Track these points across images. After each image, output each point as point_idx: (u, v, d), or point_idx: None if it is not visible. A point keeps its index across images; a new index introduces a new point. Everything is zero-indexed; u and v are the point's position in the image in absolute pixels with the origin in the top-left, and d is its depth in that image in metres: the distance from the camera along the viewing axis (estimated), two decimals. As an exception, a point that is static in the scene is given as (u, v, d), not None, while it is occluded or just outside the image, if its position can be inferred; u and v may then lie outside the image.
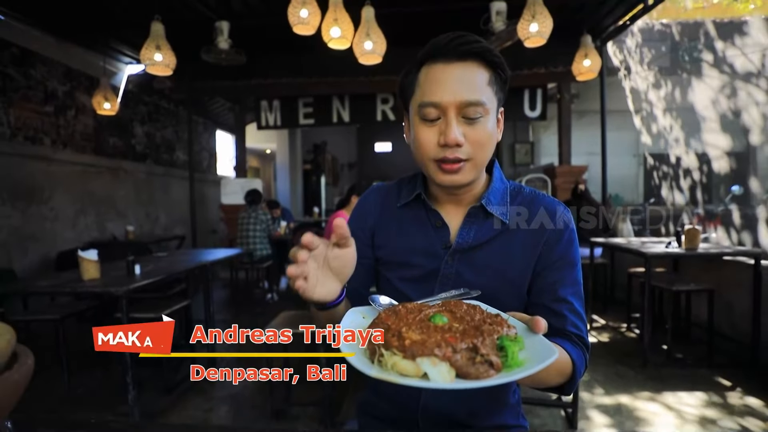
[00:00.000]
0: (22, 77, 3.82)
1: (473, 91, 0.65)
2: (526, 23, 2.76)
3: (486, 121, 0.66)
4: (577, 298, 0.71)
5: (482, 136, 0.66)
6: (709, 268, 3.03)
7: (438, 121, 0.66)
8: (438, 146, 0.66)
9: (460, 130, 0.65)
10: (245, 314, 4.13)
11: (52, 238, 4.03)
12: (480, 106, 0.65)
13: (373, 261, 0.81)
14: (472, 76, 0.65)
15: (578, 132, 5.59)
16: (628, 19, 4.21)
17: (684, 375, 2.50)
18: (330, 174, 9.83)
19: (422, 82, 0.68)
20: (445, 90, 0.65)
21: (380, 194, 0.82)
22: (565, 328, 0.69)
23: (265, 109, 5.38)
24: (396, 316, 0.46)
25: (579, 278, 0.72)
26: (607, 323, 3.56)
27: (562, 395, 0.68)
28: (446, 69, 0.66)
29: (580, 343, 0.68)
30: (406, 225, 0.77)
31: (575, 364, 0.64)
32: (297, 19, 2.62)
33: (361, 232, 0.80)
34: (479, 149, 0.67)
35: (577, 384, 0.68)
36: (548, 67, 4.68)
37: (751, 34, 6.09)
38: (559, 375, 0.64)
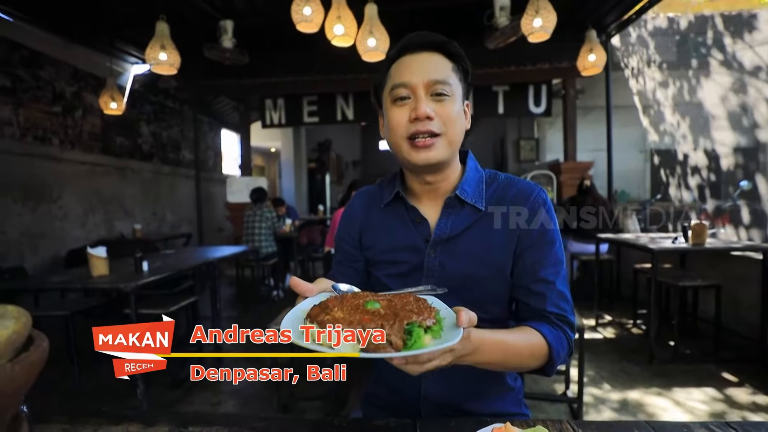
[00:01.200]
0: (31, 78, 3.87)
1: (439, 72, 0.70)
2: (530, 18, 2.74)
3: (453, 101, 0.71)
4: (558, 277, 0.72)
5: (450, 112, 0.70)
6: (716, 263, 3.01)
7: (408, 100, 0.70)
8: (409, 122, 0.70)
9: (431, 107, 0.69)
10: (251, 311, 4.16)
11: (61, 236, 4.09)
12: (447, 85, 0.70)
13: (363, 263, 0.84)
14: (437, 62, 0.71)
15: (584, 128, 5.55)
16: (634, 13, 4.16)
17: (691, 371, 2.48)
18: (335, 172, 9.86)
19: (393, 72, 0.73)
20: (414, 72, 0.70)
21: (365, 198, 0.86)
22: (545, 309, 0.70)
23: (270, 108, 5.41)
24: (340, 300, 0.53)
25: (560, 257, 0.74)
26: (613, 319, 3.54)
27: (544, 375, 0.71)
28: (414, 57, 0.72)
29: (561, 324, 0.70)
30: (390, 224, 0.80)
31: (551, 346, 0.66)
32: (300, 17, 2.63)
33: (350, 238, 0.84)
34: (449, 124, 0.70)
35: (562, 362, 0.70)
36: (553, 63, 4.65)
37: (760, 28, 5.99)
38: (533, 358, 0.66)
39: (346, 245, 0.85)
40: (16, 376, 0.33)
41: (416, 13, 4.04)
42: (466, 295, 0.73)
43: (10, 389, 0.33)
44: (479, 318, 0.72)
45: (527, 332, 0.67)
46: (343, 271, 0.84)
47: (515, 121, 7.32)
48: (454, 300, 0.73)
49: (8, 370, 0.32)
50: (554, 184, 5.24)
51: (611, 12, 4.23)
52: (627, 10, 4.14)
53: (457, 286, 0.72)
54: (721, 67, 6.16)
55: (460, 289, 0.72)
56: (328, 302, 0.52)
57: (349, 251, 0.84)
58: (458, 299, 0.73)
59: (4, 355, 0.33)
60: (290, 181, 8.55)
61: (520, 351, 0.65)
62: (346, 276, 0.84)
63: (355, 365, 0.77)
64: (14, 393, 0.34)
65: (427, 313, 0.49)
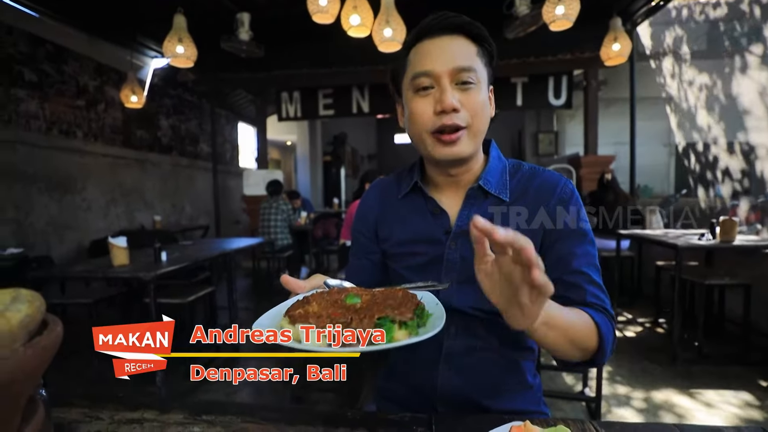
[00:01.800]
0: (56, 73, 3.98)
1: (464, 58, 0.66)
2: (552, 6, 2.65)
3: (479, 89, 0.67)
4: (592, 268, 0.68)
5: (477, 102, 0.66)
6: (745, 262, 2.88)
7: (432, 90, 0.67)
8: (434, 115, 0.66)
9: (456, 96, 0.65)
10: (266, 303, 4.22)
11: (85, 226, 4.22)
12: (472, 72, 0.66)
13: (379, 255, 0.82)
14: (461, 46, 0.67)
15: (605, 121, 5.38)
16: (662, 0, 3.99)
17: (716, 372, 2.39)
18: (350, 166, 9.87)
19: (412, 59, 0.69)
20: (437, 59, 0.66)
21: (379, 189, 0.84)
22: (585, 300, 0.66)
23: (286, 101, 5.43)
24: (322, 295, 0.53)
25: (594, 251, 0.70)
26: (633, 318, 3.45)
27: (594, 365, 0.65)
28: (434, 42, 0.67)
29: (605, 312, 0.65)
30: (407, 215, 0.77)
31: (599, 327, 0.61)
32: (316, 8, 2.61)
33: (366, 230, 0.82)
34: (475, 116, 0.67)
35: (611, 350, 0.63)
36: (575, 53, 4.50)
37: None
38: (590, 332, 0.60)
39: (362, 238, 0.83)
40: (28, 360, 0.33)
41: (433, 1, 3.97)
42: None
43: (23, 373, 0.33)
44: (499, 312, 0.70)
45: (578, 311, 0.62)
46: (360, 264, 0.83)
47: (534, 113, 7.16)
48: (476, 293, 0.71)
49: (21, 354, 0.32)
50: (574, 178, 5.11)
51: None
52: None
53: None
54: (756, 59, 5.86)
55: None
56: (310, 297, 0.53)
57: (365, 244, 0.83)
58: (479, 294, 0.71)
59: (17, 338, 0.33)
60: (306, 175, 8.60)
61: (579, 325, 0.60)
62: (363, 269, 0.83)
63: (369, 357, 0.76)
64: (27, 377, 0.33)
65: (405, 308, 0.48)
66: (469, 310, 0.71)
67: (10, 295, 0.33)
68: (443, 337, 0.73)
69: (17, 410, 0.35)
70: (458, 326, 0.73)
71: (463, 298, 0.71)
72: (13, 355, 0.31)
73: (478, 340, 0.72)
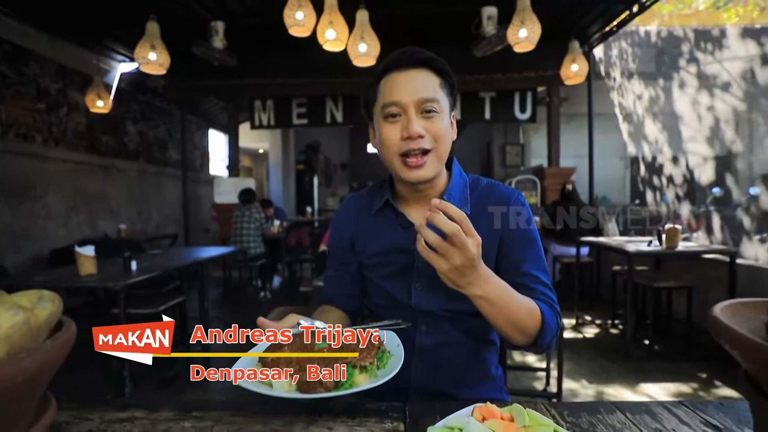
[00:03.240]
0: (15, 74, 3.80)
1: (428, 90, 0.75)
2: (516, 29, 2.84)
3: (441, 117, 0.75)
4: (540, 271, 0.78)
5: (440, 128, 0.75)
6: (688, 266, 3.15)
7: (399, 118, 0.75)
8: (401, 140, 0.74)
9: (420, 124, 0.73)
10: (239, 312, 4.16)
11: (44, 235, 4.01)
12: (435, 102, 0.74)
13: (356, 266, 0.89)
14: (425, 79, 0.76)
15: (567, 134, 5.72)
16: (615, 25, 4.34)
17: (664, 368, 2.60)
18: (323, 174, 9.86)
19: (383, 88, 0.77)
20: (404, 90, 0.74)
21: (353, 205, 0.92)
22: (533, 297, 0.76)
23: (259, 109, 5.41)
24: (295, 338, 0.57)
25: (541, 254, 0.80)
26: (592, 320, 3.67)
27: (535, 351, 0.75)
28: (402, 75, 0.76)
29: (551, 306, 0.75)
30: (380, 229, 0.85)
31: (543, 314, 0.71)
32: (293, 21, 2.67)
33: (342, 243, 0.90)
34: (439, 141, 0.75)
35: (552, 337, 0.73)
36: (538, 71, 4.79)
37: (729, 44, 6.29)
38: (531, 317, 0.70)
39: (339, 251, 0.91)
40: (53, 353, 0.37)
41: (406, 20, 4.13)
42: (454, 291, 0.79)
43: (48, 365, 0.37)
44: (464, 312, 0.78)
45: (527, 299, 0.72)
46: (338, 275, 0.90)
47: (502, 126, 7.48)
48: (443, 296, 0.79)
49: (48, 347, 0.36)
50: (538, 188, 5.38)
51: (593, 24, 4.40)
52: (608, 22, 4.31)
53: (445, 284, 0.78)
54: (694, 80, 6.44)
55: (448, 287, 0.78)
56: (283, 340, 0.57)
57: (342, 257, 0.90)
58: (446, 296, 0.79)
59: (42, 333, 0.37)
60: (278, 183, 8.52)
61: (520, 304, 0.70)
62: (341, 279, 0.91)
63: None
64: (51, 368, 0.38)
65: (366, 353, 0.53)
66: (438, 310, 0.79)
67: (37, 295, 0.38)
68: (415, 335, 0.81)
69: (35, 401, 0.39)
70: (428, 325, 0.81)
71: (432, 301, 0.80)
72: (42, 347, 0.36)
73: (446, 336, 0.80)
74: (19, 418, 0.35)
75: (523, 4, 2.86)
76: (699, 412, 0.62)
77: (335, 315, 0.87)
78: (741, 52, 6.22)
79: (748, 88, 6.18)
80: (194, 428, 0.59)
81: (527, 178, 5.56)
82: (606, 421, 0.60)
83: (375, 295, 0.88)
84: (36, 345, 0.36)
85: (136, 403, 0.67)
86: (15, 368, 0.31)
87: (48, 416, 0.40)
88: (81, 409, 0.65)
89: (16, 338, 0.33)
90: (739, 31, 6.22)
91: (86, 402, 0.67)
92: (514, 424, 0.52)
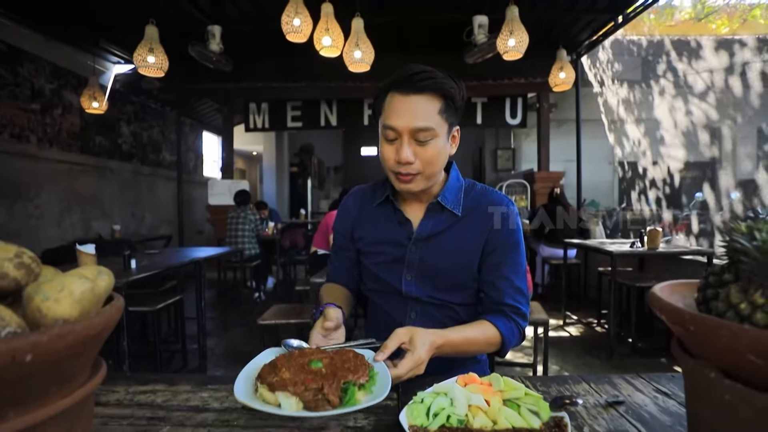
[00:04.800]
0: (9, 74, 3.82)
1: (424, 119, 0.79)
2: (505, 38, 2.96)
3: (436, 142, 0.81)
4: (516, 275, 0.87)
5: (431, 155, 0.81)
6: (670, 266, 3.29)
7: (395, 141, 0.82)
8: (395, 161, 0.82)
9: (411, 150, 0.80)
10: (233, 312, 4.20)
11: (36, 236, 4.02)
12: (429, 131, 0.80)
13: (354, 253, 0.99)
14: (425, 106, 0.79)
15: (557, 140, 5.87)
16: (601, 35, 4.50)
17: (645, 363, 2.72)
18: (316, 177, 9.92)
19: (386, 107, 0.83)
20: (401, 117, 0.79)
21: (358, 197, 1.00)
22: (503, 300, 0.86)
23: (254, 112, 5.47)
24: (288, 359, 0.59)
25: (521, 260, 0.89)
26: (579, 319, 3.78)
27: (498, 357, 0.90)
28: (403, 100, 0.79)
29: (515, 316, 0.86)
30: (379, 221, 0.94)
31: (503, 336, 0.83)
32: (290, 28, 2.75)
33: (344, 230, 0.99)
34: (428, 165, 0.82)
35: (513, 346, 0.87)
36: (528, 78, 4.93)
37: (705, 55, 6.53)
38: (489, 345, 0.84)
39: (340, 237, 1.00)
40: (110, 317, 0.44)
41: (401, 28, 4.24)
42: (440, 283, 0.88)
43: (105, 328, 0.45)
44: (450, 301, 0.87)
45: (483, 327, 0.83)
46: (339, 257, 1.00)
47: (493, 131, 7.63)
48: (431, 287, 0.88)
49: (107, 312, 0.44)
50: (528, 192, 5.52)
51: (581, 33, 4.56)
52: (595, 32, 4.48)
53: (433, 276, 0.88)
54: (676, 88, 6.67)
55: (435, 278, 0.88)
56: (277, 362, 0.58)
57: (343, 243, 0.99)
58: (433, 287, 0.88)
59: (101, 301, 0.45)
60: (272, 185, 8.56)
61: (477, 342, 0.82)
62: (342, 265, 1.00)
63: None
64: (107, 331, 0.45)
65: (361, 371, 0.58)
66: (426, 298, 0.88)
67: (97, 270, 0.45)
68: (406, 321, 0.89)
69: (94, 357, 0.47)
70: (417, 312, 0.90)
71: (420, 289, 0.89)
72: (105, 310, 0.43)
73: (434, 322, 0.88)
74: (84, 368, 0.43)
75: (512, 15, 2.98)
76: (653, 383, 0.71)
77: (339, 292, 0.96)
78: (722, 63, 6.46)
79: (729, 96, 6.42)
80: (212, 397, 0.67)
81: (518, 182, 5.69)
82: (572, 389, 0.69)
83: (369, 281, 0.96)
84: (98, 309, 0.44)
85: (156, 378, 0.75)
86: (88, 324, 0.39)
87: (101, 373, 0.47)
88: (105, 385, 0.73)
89: (86, 302, 0.41)
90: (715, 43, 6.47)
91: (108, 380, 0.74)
92: (491, 388, 0.60)
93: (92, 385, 0.44)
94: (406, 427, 0.54)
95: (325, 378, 0.55)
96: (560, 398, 0.61)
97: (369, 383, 0.57)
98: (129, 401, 0.66)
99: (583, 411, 0.61)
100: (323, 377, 0.55)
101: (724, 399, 0.41)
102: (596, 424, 0.57)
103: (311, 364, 0.59)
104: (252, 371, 0.60)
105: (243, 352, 3.01)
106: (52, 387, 0.38)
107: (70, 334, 0.37)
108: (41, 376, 0.37)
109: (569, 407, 0.60)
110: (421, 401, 0.58)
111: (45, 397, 0.38)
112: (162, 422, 0.59)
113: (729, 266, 0.46)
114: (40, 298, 0.39)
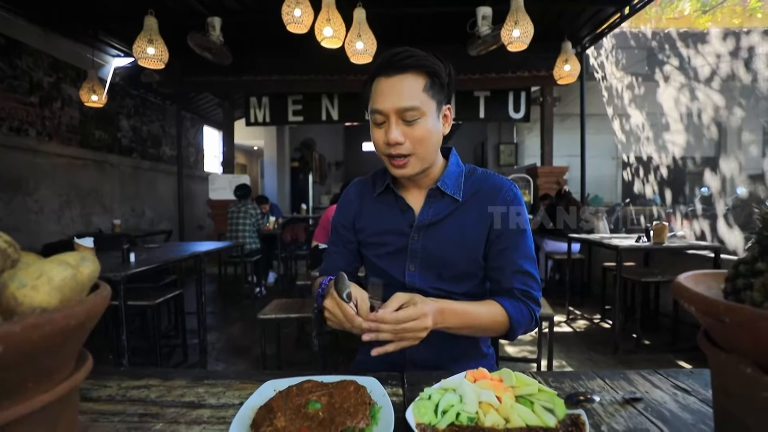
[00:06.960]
0: (8, 67, 3.78)
1: (409, 98, 0.77)
2: (509, 29, 2.91)
3: (424, 121, 0.79)
4: (525, 259, 0.84)
5: (421, 133, 0.79)
6: (675, 261, 3.25)
7: (383, 124, 0.80)
8: (384, 143, 0.80)
9: (400, 131, 0.78)
10: (234, 307, 4.18)
11: (36, 230, 4.00)
12: (416, 110, 0.77)
13: (355, 245, 0.95)
14: (409, 85, 0.77)
15: (560, 134, 5.81)
16: (607, 27, 4.42)
17: (650, 359, 2.69)
18: (317, 172, 9.88)
19: (372, 93, 0.81)
20: (386, 99, 0.78)
21: (359, 187, 0.97)
22: (512, 285, 0.83)
23: (255, 106, 5.42)
24: (284, 399, 0.56)
25: (528, 243, 0.86)
26: (582, 314, 3.75)
27: (508, 340, 0.86)
28: (387, 81, 0.78)
29: (526, 299, 0.82)
30: (380, 210, 0.91)
31: (510, 316, 0.80)
32: (291, 18, 2.70)
33: (345, 221, 0.95)
34: (419, 145, 0.79)
35: (525, 331, 0.84)
36: (531, 71, 4.87)
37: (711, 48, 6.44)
38: (495, 323, 0.80)
39: (341, 228, 0.96)
40: (94, 306, 0.41)
41: (403, 18, 4.18)
42: (444, 273, 0.85)
43: (92, 317, 0.41)
44: (454, 292, 0.84)
45: (489, 304, 0.80)
46: (338, 251, 0.95)
47: (496, 125, 7.56)
48: (435, 277, 0.84)
49: (92, 299, 0.40)
50: (531, 187, 5.47)
51: (586, 25, 4.49)
52: (600, 24, 4.40)
53: (436, 264, 0.84)
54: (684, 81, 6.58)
55: (439, 267, 0.84)
56: (273, 404, 0.55)
57: (344, 235, 0.95)
58: (438, 277, 0.85)
59: (85, 289, 0.41)
60: (273, 180, 8.53)
61: (480, 318, 0.79)
62: (341, 256, 0.95)
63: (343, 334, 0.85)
64: (91, 320, 0.42)
65: (361, 414, 0.55)
66: (430, 289, 0.85)
67: (79, 255, 0.42)
68: None
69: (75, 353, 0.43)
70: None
71: (424, 280, 0.85)
72: (88, 299, 0.40)
73: None
74: (67, 361, 0.40)
75: (517, 5, 2.92)
76: (671, 378, 0.68)
77: None
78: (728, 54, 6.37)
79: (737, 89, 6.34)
80: (207, 393, 0.64)
81: (520, 176, 5.64)
82: (587, 385, 0.66)
83: (372, 273, 0.93)
84: (81, 298, 0.40)
85: (151, 373, 0.72)
86: (68, 313, 0.36)
87: (87, 367, 0.44)
88: (98, 379, 0.70)
89: (67, 290, 0.38)
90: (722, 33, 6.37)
91: (100, 374, 0.71)
92: (502, 383, 0.57)
93: (76, 380, 0.41)
94: (413, 424, 0.50)
95: (322, 424, 0.52)
96: (575, 395, 0.58)
97: (368, 428, 0.53)
98: (121, 397, 0.63)
99: (599, 408, 0.58)
100: (320, 423, 0.52)
101: (761, 396, 0.37)
102: (614, 422, 0.54)
103: (309, 406, 0.56)
104: (246, 416, 0.56)
105: (243, 347, 2.99)
106: (28, 382, 0.35)
107: (48, 324, 0.34)
108: (15, 370, 0.34)
109: (585, 404, 0.57)
110: (428, 398, 0.55)
111: (22, 393, 0.35)
112: (155, 419, 0.56)
113: (762, 255, 0.43)
114: (15, 285, 0.36)
